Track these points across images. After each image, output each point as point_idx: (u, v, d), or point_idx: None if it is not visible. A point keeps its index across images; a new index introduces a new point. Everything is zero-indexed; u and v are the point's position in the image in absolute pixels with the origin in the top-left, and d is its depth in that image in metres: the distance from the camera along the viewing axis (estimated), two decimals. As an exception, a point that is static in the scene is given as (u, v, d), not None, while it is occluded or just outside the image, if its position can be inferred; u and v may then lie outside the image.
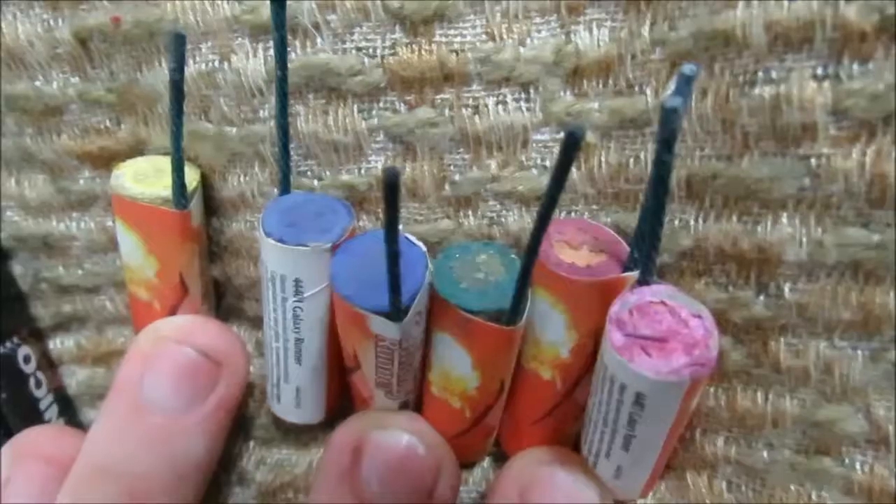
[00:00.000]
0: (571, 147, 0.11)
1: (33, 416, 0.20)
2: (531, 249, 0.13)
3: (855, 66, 0.12)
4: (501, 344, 0.15)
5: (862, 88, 0.12)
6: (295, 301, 0.15)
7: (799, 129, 0.12)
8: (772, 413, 0.15)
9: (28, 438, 0.18)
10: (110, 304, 0.20)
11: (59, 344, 0.21)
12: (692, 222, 0.14)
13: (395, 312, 0.14)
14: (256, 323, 0.19)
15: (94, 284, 0.20)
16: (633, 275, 0.14)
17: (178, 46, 0.13)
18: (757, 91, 0.12)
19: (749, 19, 0.12)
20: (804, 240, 0.13)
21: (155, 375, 0.16)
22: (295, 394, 0.17)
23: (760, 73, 0.12)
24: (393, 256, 0.12)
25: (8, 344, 0.19)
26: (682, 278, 0.15)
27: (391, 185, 0.11)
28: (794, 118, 0.12)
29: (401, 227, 0.17)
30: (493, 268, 0.15)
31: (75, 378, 0.21)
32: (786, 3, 0.12)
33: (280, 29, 0.14)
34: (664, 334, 0.13)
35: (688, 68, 0.12)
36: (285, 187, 0.16)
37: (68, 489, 0.16)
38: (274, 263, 0.15)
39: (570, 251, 0.15)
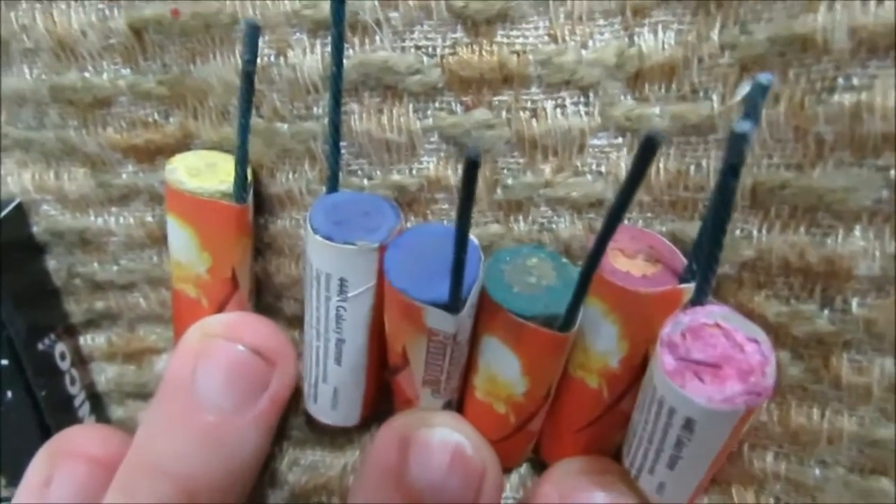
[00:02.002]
0: (649, 152, 0.10)
1: (69, 414, 0.19)
2: (594, 257, 0.12)
3: (943, 75, 0.11)
4: (553, 350, 0.14)
5: (949, 98, 0.11)
6: (338, 300, 0.14)
7: (879, 139, 0.12)
8: (827, 430, 0.14)
9: (69, 437, 0.17)
10: (144, 302, 0.19)
11: (89, 340, 0.20)
12: (755, 233, 0.14)
13: (454, 303, 0.13)
14: (293, 322, 0.18)
15: (128, 281, 0.19)
16: (691, 286, 0.13)
17: (252, 36, 0.13)
18: (836, 98, 0.12)
19: (831, 24, 0.12)
20: (877, 254, 0.12)
21: (208, 374, 0.15)
22: (332, 395, 0.16)
23: (840, 80, 0.12)
24: (461, 244, 0.12)
25: (46, 341, 0.18)
26: (741, 290, 0.14)
27: (472, 165, 0.10)
28: (874, 127, 0.12)
29: (453, 225, 0.16)
30: (544, 272, 0.14)
31: (104, 375, 0.20)
32: (872, 8, 0.11)
33: (338, 25, 0.13)
34: (718, 359, 0.12)
35: (765, 78, 0.11)
36: (333, 185, 0.15)
37: (119, 487, 0.15)
38: (319, 261, 0.14)
39: (624, 260, 0.14)
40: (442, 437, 0.15)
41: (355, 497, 0.16)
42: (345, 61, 0.14)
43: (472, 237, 0.14)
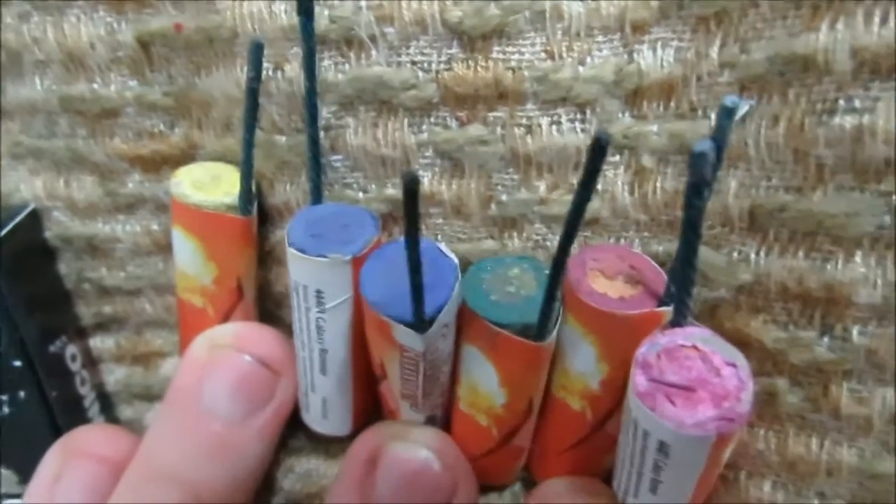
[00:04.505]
0: (598, 154, 0.10)
1: (78, 413, 0.19)
2: (558, 262, 0.12)
3: (950, 98, 0.10)
4: (528, 360, 0.13)
5: (956, 122, 0.10)
6: (317, 312, 0.14)
7: (881, 164, 0.11)
8: (826, 461, 0.13)
9: (79, 437, 0.17)
10: (150, 307, 0.19)
11: (99, 343, 0.20)
12: (753, 256, 0.13)
13: (419, 323, 0.12)
14: (292, 331, 0.18)
15: (135, 287, 0.19)
16: (668, 310, 0.12)
17: (257, 54, 0.13)
18: (836, 121, 0.11)
19: (832, 44, 0.11)
20: (879, 281, 0.11)
21: (215, 384, 0.15)
22: (322, 404, 0.16)
23: (842, 102, 0.11)
24: (415, 265, 0.11)
25: (57, 343, 0.18)
26: (737, 314, 0.13)
27: (411, 193, 0.10)
28: (876, 151, 0.11)
29: (442, 243, 0.15)
30: (525, 282, 0.14)
31: (113, 376, 0.20)
32: (875, 28, 0.10)
33: (308, 40, 0.13)
34: (692, 382, 0.11)
35: (730, 100, 0.10)
36: (317, 198, 0.15)
37: (125, 490, 0.15)
38: (296, 273, 0.14)
39: (604, 281, 0.13)
40: (409, 453, 0.14)
41: (329, 501, 0.15)
42: (340, 76, 0.14)
43: (452, 255, 0.13)
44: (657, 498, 0.13)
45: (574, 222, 0.11)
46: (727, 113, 0.10)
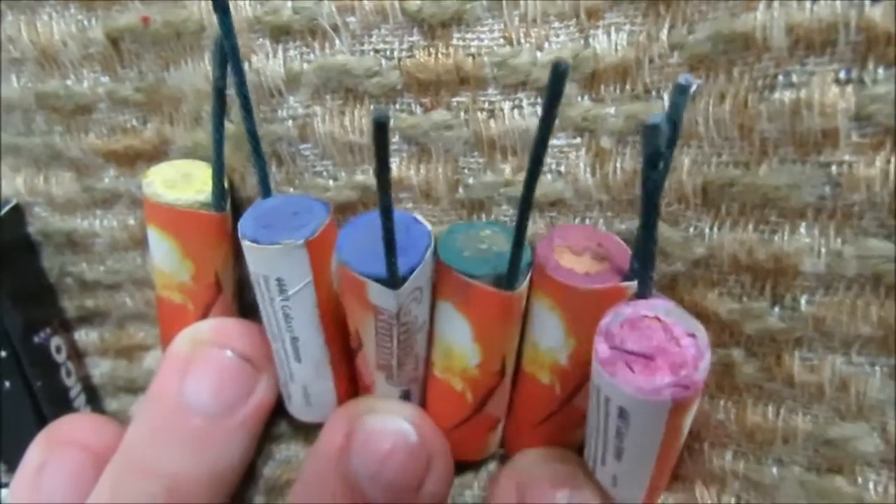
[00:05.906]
0: (558, 82, 0.10)
1: (64, 404, 0.19)
2: (524, 203, 0.12)
3: (880, 71, 0.11)
4: (501, 310, 0.14)
5: (886, 93, 0.11)
6: (282, 300, 0.14)
7: (819, 136, 0.11)
8: (783, 428, 0.14)
9: (64, 425, 0.17)
10: (130, 301, 0.19)
11: (83, 336, 0.20)
12: (707, 230, 0.13)
13: (392, 277, 0.13)
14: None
15: (115, 281, 0.19)
16: (632, 285, 0.13)
17: (222, 53, 0.13)
18: (777, 96, 0.11)
19: (769, 21, 0.11)
20: (822, 251, 0.12)
21: (197, 379, 0.15)
22: (302, 393, 0.16)
23: (780, 77, 0.11)
24: (386, 210, 0.11)
25: (42, 334, 0.19)
26: (695, 287, 0.14)
27: (381, 127, 0.10)
28: (814, 124, 0.11)
29: (417, 214, 0.16)
30: (496, 241, 0.14)
31: (99, 369, 0.21)
32: (808, 5, 0.11)
33: (228, 36, 0.13)
34: (652, 351, 0.12)
35: (684, 78, 0.10)
36: (266, 191, 0.15)
37: (108, 482, 0.15)
38: (254, 265, 0.14)
39: (570, 257, 0.14)
40: (384, 424, 0.15)
41: (302, 478, 0.16)
42: (306, 65, 0.15)
43: (426, 223, 0.14)
44: (623, 466, 0.13)
45: (538, 157, 0.11)
46: (681, 90, 0.10)
